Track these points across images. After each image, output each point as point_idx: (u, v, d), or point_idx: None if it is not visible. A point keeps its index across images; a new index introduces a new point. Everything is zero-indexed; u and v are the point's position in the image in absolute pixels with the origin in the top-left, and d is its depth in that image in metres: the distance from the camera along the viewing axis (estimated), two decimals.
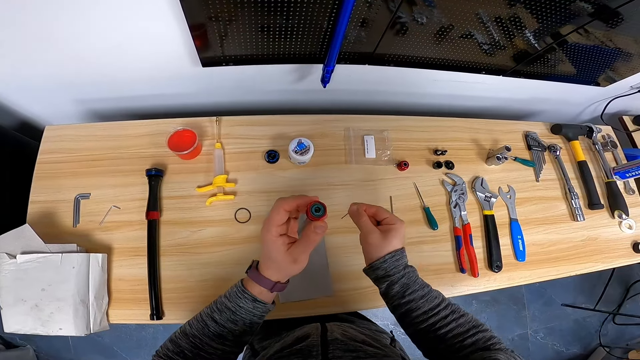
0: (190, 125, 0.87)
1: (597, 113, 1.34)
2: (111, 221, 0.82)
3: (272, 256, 0.48)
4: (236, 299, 0.49)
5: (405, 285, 0.52)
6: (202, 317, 0.51)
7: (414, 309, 0.51)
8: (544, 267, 0.95)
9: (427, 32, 0.81)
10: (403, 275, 0.52)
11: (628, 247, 1.03)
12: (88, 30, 0.72)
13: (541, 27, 0.80)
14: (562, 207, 1.04)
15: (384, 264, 0.52)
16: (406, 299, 0.51)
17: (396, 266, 0.52)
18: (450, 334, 0.49)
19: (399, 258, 0.53)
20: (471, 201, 0.98)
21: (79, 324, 0.71)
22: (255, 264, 0.52)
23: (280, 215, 0.47)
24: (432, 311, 0.51)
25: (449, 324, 0.50)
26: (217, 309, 0.50)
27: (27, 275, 0.71)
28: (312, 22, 0.74)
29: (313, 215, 0.46)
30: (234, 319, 0.49)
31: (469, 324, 0.51)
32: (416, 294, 0.52)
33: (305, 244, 0.47)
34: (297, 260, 0.47)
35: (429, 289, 0.53)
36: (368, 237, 0.53)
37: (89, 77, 0.90)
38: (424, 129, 1.04)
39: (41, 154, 0.86)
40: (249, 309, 0.49)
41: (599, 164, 1.11)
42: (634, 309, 2.10)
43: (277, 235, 0.47)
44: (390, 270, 0.52)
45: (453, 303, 0.54)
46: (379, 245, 0.53)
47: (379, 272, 0.53)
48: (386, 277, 0.53)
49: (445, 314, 0.51)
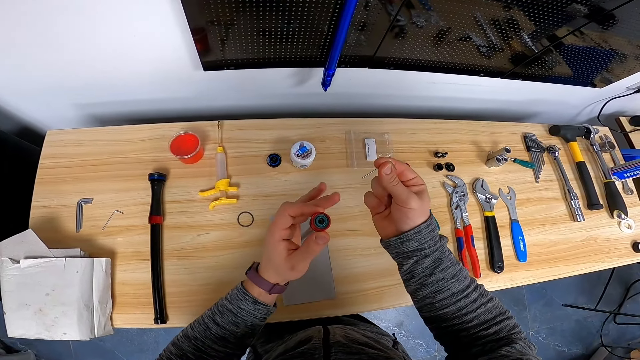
0: (192, 130, 0.87)
1: (594, 114, 1.35)
2: (114, 226, 0.82)
3: (271, 259, 0.48)
4: (237, 300, 0.50)
5: (438, 260, 0.46)
6: (204, 320, 0.51)
7: (442, 290, 0.46)
8: (545, 267, 0.95)
9: (426, 35, 0.82)
10: (437, 249, 0.46)
11: (628, 246, 1.04)
12: (89, 34, 0.73)
13: (538, 30, 0.81)
14: (562, 207, 1.05)
15: (418, 234, 0.46)
16: (435, 277, 0.46)
17: (432, 237, 0.46)
18: (477, 320, 0.46)
19: (433, 228, 0.47)
20: (472, 203, 0.98)
21: (83, 329, 0.71)
22: (255, 265, 0.52)
23: (284, 219, 0.46)
24: (461, 293, 0.46)
25: (477, 309, 0.46)
26: (219, 311, 0.50)
27: (30, 280, 0.71)
28: (313, 26, 0.74)
29: (317, 226, 0.46)
30: (236, 321, 0.49)
31: (496, 309, 0.47)
32: (447, 271, 0.46)
33: (305, 252, 0.46)
34: (295, 268, 0.46)
35: (460, 267, 0.48)
36: (408, 203, 0.45)
37: (89, 82, 0.90)
38: (424, 132, 1.05)
39: (43, 159, 0.86)
40: (250, 311, 0.49)
41: (597, 165, 1.12)
42: (634, 308, 2.10)
43: (280, 240, 0.46)
44: (425, 243, 0.46)
45: (479, 284, 0.49)
46: (418, 211, 0.45)
47: (409, 245, 0.47)
48: (418, 250, 0.47)
49: (475, 297, 0.47)
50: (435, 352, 1.84)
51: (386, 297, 0.84)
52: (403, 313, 1.86)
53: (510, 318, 0.48)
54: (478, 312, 0.46)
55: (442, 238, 0.48)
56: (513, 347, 0.43)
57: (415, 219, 0.46)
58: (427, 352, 1.85)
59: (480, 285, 0.49)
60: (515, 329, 0.47)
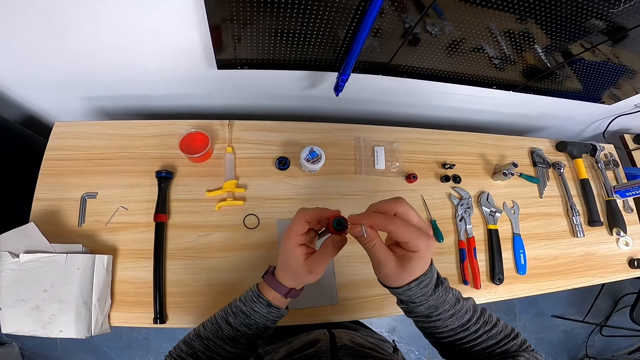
0: (202, 128, 0.86)
1: (599, 130, 1.36)
2: (117, 222, 0.80)
3: (289, 264, 0.48)
4: (251, 303, 0.50)
5: (433, 307, 0.45)
6: (217, 320, 0.51)
7: (440, 327, 0.46)
8: (544, 280, 0.96)
9: (440, 44, 0.81)
10: (431, 299, 0.45)
11: (624, 262, 1.06)
12: (104, 26, 0.71)
13: (553, 44, 0.81)
14: (563, 223, 1.06)
15: (408, 291, 0.43)
16: (432, 319, 0.46)
17: (424, 293, 0.44)
18: (479, 347, 0.47)
19: (428, 283, 0.43)
20: (476, 215, 0.99)
21: (80, 327, 0.70)
22: (272, 269, 0.52)
23: (300, 225, 0.46)
24: (461, 328, 0.46)
25: (478, 338, 0.47)
26: (232, 313, 0.50)
27: (29, 275, 0.70)
28: (331, 30, 0.73)
29: (335, 229, 0.45)
30: (248, 322, 0.49)
31: (500, 334, 0.48)
32: (445, 314, 0.46)
33: (323, 255, 0.46)
34: (314, 271, 0.46)
35: (460, 306, 0.47)
36: (380, 268, 0.43)
37: (100, 74, 0.88)
38: (433, 142, 1.05)
39: (49, 151, 0.84)
40: (263, 314, 0.49)
41: (600, 182, 1.14)
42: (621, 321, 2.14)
43: (296, 245, 0.46)
44: (416, 298, 0.44)
45: (485, 312, 0.49)
46: (395, 277, 0.43)
47: (401, 297, 0.46)
48: (409, 302, 0.45)
49: (476, 329, 0.47)
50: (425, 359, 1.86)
51: (387, 305, 0.84)
52: (396, 319, 1.87)
53: (516, 337, 0.48)
54: (480, 339, 0.47)
55: (438, 287, 0.45)
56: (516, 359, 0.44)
57: (397, 280, 0.43)
58: (418, 358, 1.86)
59: (486, 314, 0.49)
60: (523, 346, 0.48)
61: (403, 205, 0.41)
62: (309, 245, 0.48)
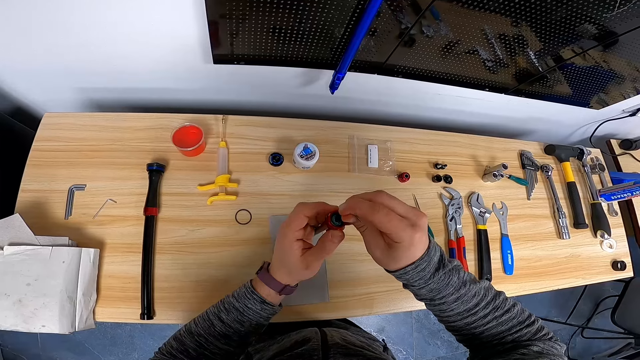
0: (195, 122, 0.85)
1: (586, 135, 1.39)
2: (105, 215, 0.79)
3: (285, 260, 0.47)
4: (244, 299, 0.49)
5: (435, 290, 0.44)
6: (209, 316, 0.50)
7: (446, 310, 0.46)
8: (530, 281, 0.98)
9: (435, 46, 0.82)
10: (431, 282, 0.43)
11: (607, 264, 1.09)
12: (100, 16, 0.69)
13: (545, 48, 0.83)
14: (550, 225, 1.08)
15: (405, 275, 0.43)
16: (436, 302, 0.45)
17: (421, 277, 0.43)
18: (488, 332, 0.46)
19: (425, 267, 0.42)
20: (466, 215, 1.00)
21: (64, 322, 0.68)
22: (266, 265, 0.51)
23: (299, 220, 0.45)
24: (467, 312, 0.45)
25: (487, 323, 0.45)
26: (225, 309, 0.50)
27: (12, 268, 0.67)
28: (329, 28, 0.73)
29: (333, 224, 0.45)
30: (241, 319, 0.49)
31: (513, 320, 0.46)
32: (449, 297, 0.44)
33: (320, 251, 0.46)
34: (310, 267, 0.46)
35: (465, 290, 0.44)
36: (370, 251, 0.44)
37: (94, 66, 0.86)
38: (426, 142, 1.06)
39: (37, 141, 0.82)
40: (256, 310, 0.49)
41: (586, 186, 1.17)
42: (602, 323, 2.20)
43: (294, 240, 0.46)
44: (414, 282, 0.44)
45: (499, 297, 0.47)
46: (385, 262, 0.43)
47: (400, 279, 0.45)
48: (409, 285, 0.45)
49: (485, 313, 0.45)
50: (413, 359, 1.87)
51: (377, 303, 0.85)
52: (385, 319, 1.88)
53: (532, 324, 0.46)
54: (489, 325, 0.45)
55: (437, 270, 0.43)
56: (530, 349, 0.43)
57: (391, 264, 0.43)
58: (406, 358, 1.87)
59: (498, 299, 0.47)
60: (539, 333, 0.46)
61: (383, 197, 0.41)
62: (306, 241, 0.48)
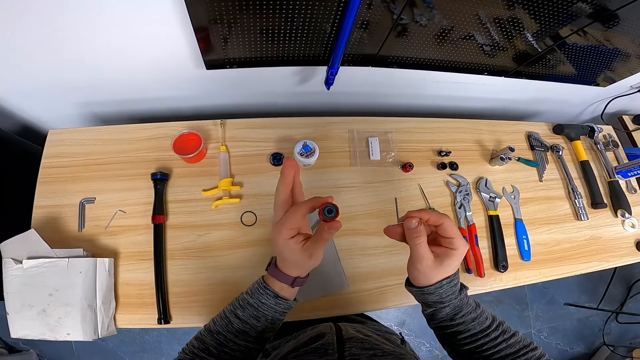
0: (195, 129, 0.87)
1: (597, 113, 1.34)
2: (117, 225, 0.82)
3: (286, 257, 0.48)
4: (258, 295, 0.50)
5: (458, 307, 0.48)
6: (226, 314, 0.51)
7: (463, 331, 0.48)
8: (549, 266, 0.95)
9: (429, 33, 0.81)
10: (457, 300, 0.48)
11: (631, 245, 1.04)
12: (92, 33, 0.72)
13: (541, 29, 0.81)
14: (566, 206, 1.04)
15: (440, 289, 0.46)
16: (456, 322, 0.48)
17: (453, 292, 0.47)
18: (498, 355, 0.47)
19: (456, 283, 0.47)
20: (476, 202, 0.98)
21: (86, 329, 0.71)
22: (274, 260, 0.52)
23: (295, 219, 0.46)
24: (482, 333, 0.48)
25: (498, 345, 0.47)
26: (240, 306, 0.50)
27: (33, 280, 0.71)
28: (316, 24, 0.74)
29: (325, 216, 0.45)
30: (257, 315, 0.49)
31: (519, 344, 0.48)
32: (468, 316, 0.48)
33: (320, 240, 0.46)
34: (313, 256, 0.46)
35: (480, 310, 0.49)
36: (418, 264, 0.46)
37: (91, 80, 0.89)
38: (428, 130, 1.04)
39: (45, 158, 0.86)
40: (271, 305, 0.49)
41: (601, 164, 1.12)
42: (636, 307, 2.10)
43: (289, 238, 0.46)
44: (446, 297, 0.47)
45: (502, 321, 0.51)
46: (429, 273, 0.46)
47: (431, 297, 0.48)
48: (438, 302, 0.48)
49: (496, 335, 0.48)
50: (438, 351, 1.84)
51: (389, 297, 0.84)
52: (405, 312, 1.86)
53: (535, 349, 0.48)
54: (500, 347, 0.47)
55: (462, 289, 0.49)
56: None
57: (431, 277, 0.46)
58: (430, 351, 1.84)
59: (503, 323, 0.50)
60: (542, 358, 0.47)
61: (442, 218, 0.46)
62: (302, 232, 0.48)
